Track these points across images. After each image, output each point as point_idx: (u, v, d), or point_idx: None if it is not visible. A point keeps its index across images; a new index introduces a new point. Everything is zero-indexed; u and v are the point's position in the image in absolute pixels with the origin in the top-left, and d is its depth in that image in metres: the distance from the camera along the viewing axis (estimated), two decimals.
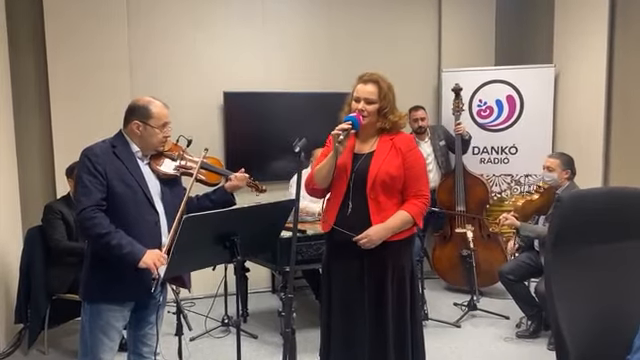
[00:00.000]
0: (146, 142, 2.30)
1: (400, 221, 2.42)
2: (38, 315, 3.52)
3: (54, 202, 3.71)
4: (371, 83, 2.45)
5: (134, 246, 2.14)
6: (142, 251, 2.15)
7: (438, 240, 4.90)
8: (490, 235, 4.66)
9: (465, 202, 4.64)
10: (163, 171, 2.35)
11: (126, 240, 2.14)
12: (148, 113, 2.28)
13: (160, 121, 2.29)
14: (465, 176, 4.68)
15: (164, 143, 2.34)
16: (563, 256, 1.61)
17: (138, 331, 2.43)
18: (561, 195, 1.65)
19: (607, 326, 1.62)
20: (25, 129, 4.24)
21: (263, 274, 4.81)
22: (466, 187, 4.66)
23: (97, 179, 2.17)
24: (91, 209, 2.14)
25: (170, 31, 4.59)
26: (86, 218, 2.15)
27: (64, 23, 4.19)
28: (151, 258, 2.14)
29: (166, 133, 2.32)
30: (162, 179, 2.35)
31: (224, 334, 3.93)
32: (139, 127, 2.27)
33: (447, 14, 5.34)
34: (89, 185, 2.16)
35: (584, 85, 4.79)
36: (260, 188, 2.64)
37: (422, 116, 4.76)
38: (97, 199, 2.16)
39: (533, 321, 3.77)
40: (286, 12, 4.93)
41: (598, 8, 4.62)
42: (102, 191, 2.18)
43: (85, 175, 2.17)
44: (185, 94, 4.54)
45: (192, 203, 2.45)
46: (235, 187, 2.49)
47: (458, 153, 4.67)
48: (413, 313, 2.52)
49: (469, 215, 4.59)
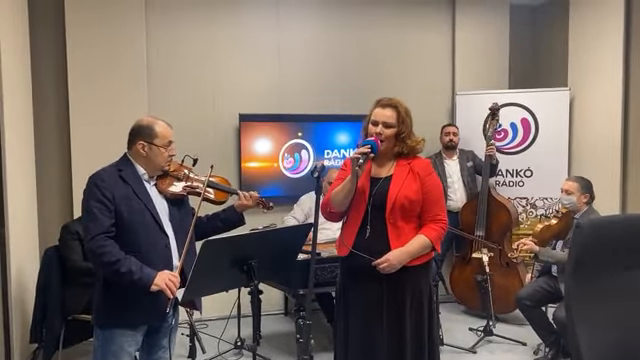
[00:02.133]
0: (152, 162, 2.29)
1: (419, 245, 2.41)
2: (53, 335, 3.51)
3: (71, 222, 3.74)
4: (389, 107, 2.46)
5: (144, 271, 2.13)
6: (152, 274, 2.14)
7: (457, 262, 4.85)
8: (509, 263, 4.55)
9: (485, 227, 4.57)
10: (170, 191, 2.34)
11: (136, 266, 2.13)
12: (153, 132, 2.27)
13: (165, 140, 2.29)
14: (490, 201, 4.60)
15: (169, 162, 2.34)
16: (583, 283, 1.59)
17: (151, 356, 2.41)
18: (580, 222, 1.64)
19: (628, 354, 1.59)
20: (44, 149, 4.31)
21: (276, 296, 4.78)
22: (489, 212, 4.58)
23: (105, 206, 2.16)
24: (100, 237, 2.13)
25: (188, 53, 4.67)
26: (95, 247, 2.13)
27: (85, 46, 4.28)
28: (163, 279, 2.13)
29: (171, 152, 2.32)
30: (169, 200, 2.34)
31: (237, 357, 3.90)
32: (144, 147, 2.27)
33: (461, 36, 5.37)
34: (97, 213, 2.15)
35: (600, 108, 4.77)
36: (267, 205, 2.61)
37: (454, 131, 4.84)
38: (106, 226, 2.15)
39: (551, 348, 3.69)
40: (301, 36, 4.99)
41: (613, 31, 4.62)
42: (110, 217, 2.17)
43: (93, 202, 2.16)
44: (201, 116, 4.61)
45: (201, 223, 2.44)
46: (245, 207, 2.49)
47: (485, 176, 4.62)
48: (431, 338, 2.50)
49: (484, 242, 4.50)
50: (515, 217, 4.70)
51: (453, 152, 4.85)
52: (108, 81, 4.35)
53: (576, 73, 4.98)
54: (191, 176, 2.43)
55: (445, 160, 4.84)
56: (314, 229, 2.09)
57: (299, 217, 4.35)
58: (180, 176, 2.40)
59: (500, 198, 4.69)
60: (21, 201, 3.80)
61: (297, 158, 4.93)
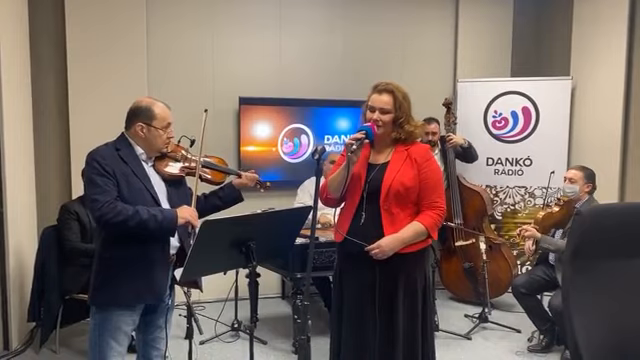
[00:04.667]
0: (150, 144, 2.29)
1: (413, 232, 2.39)
2: (51, 314, 3.54)
3: (70, 202, 3.74)
4: (386, 93, 2.42)
5: (164, 212, 2.17)
6: (173, 212, 2.18)
7: (444, 253, 4.86)
8: (492, 246, 4.60)
9: (463, 214, 4.62)
10: (168, 172, 2.34)
11: (154, 210, 2.16)
12: (151, 114, 2.26)
13: (163, 122, 2.28)
14: (461, 189, 4.66)
15: (168, 144, 2.34)
16: (581, 271, 1.59)
17: (147, 335, 2.42)
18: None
19: (625, 342, 1.60)
20: (43, 129, 4.30)
21: (273, 280, 4.81)
22: (462, 199, 4.64)
23: (108, 179, 2.15)
24: (109, 201, 2.12)
25: (188, 37, 4.64)
26: (108, 210, 2.10)
27: (84, 32, 4.25)
28: (187, 213, 2.20)
29: (169, 134, 2.32)
30: (167, 180, 2.34)
31: (233, 339, 3.93)
32: (143, 129, 2.26)
33: (464, 24, 5.33)
34: (102, 184, 2.14)
35: (602, 98, 4.75)
36: (264, 185, 2.63)
37: (434, 130, 4.67)
38: (112, 195, 2.14)
39: (546, 335, 3.72)
40: (303, 20, 4.95)
41: (616, 20, 4.58)
42: (115, 190, 2.16)
43: (96, 176, 2.15)
44: (201, 98, 4.58)
45: (200, 202, 2.44)
46: (244, 184, 2.52)
47: (452, 166, 4.61)
48: (424, 325, 2.48)
49: (465, 229, 4.55)
50: (488, 201, 4.76)
51: (434, 148, 4.73)
52: (107, 61, 4.32)
53: (578, 62, 4.95)
54: (188, 157, 2.42)
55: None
56: (313, 211, 2.08)
57: (307, 201, 4.30)
58: (178, 157, 2.39)
59: (470, 185, 4.74)
60: (19, 181, 3.80)
61: (297, 143, 4.92)
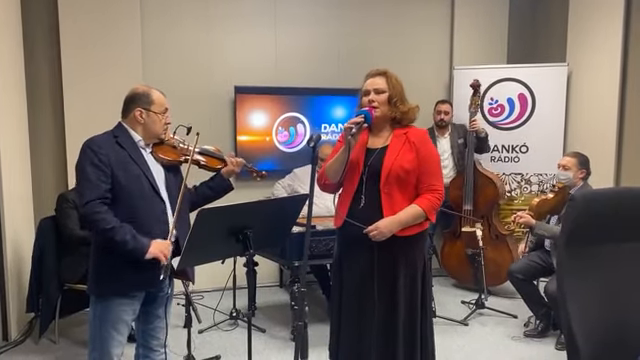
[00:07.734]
0: (149, 129, 2.30)
1: (411, 215, 2.41)
2: (49, 305, 3.55)
3: (67, 192, 3.75)
4: (379, 75, 2.49)
5: (137, 241, 2.13)
6: (147, 244, 2.14)
7: (447, 237, 4.90)
8: (498, 236, 4.63)
9: (473, 201, 4.62)
10: (167, 158, 2.36)
11: (130, 235, 2.12)
12: (149, 99, 2.29)
13: (161, 107, 2.31)
14: (476, 175, 4.64)
15: (166, 130, 2.36)
16: (575, 256, 1.60)
17: (147, 325, 2.42)
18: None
19: (619, 326, 1.62)
20: (38, 120, 4.28)
21: (271, 268, 4.83)
22: (476, 186, 4.63)
23: (101, 171, 2.14)
24: (95, 203, 2.11)
25: (183, 26, 4.61)
26: (90, 212, 2.12)
27: (78, 19, 4.22)
28: (157, 248, 2.15)
29: (167, 119, 2.34)
30: (165, 166, 2.35)
31: (232, 327, 3.95)
32: (142, 114, 2.27)
33: (460, 11, 5.31)
34: (92, 178, 2.13)
35: (597, 84, 4.75)
36: (261, 173, 2.65)
37: (446, 110, 4.78)
38: (101, 192, 2.13)
39: (541, 320, 3.76)
40: (298, 8, 4.93)
41: (613, 7, 4.57)
42: (107, 182, 2.15)
43: (88, 167, 2.14)
44: (197, 88, 4.57)
45: (190, 194, 2.46)
46: (231, 172, 2.52)
47: (470, 151, 4.63)
48: (423, 309, 2.52)
49: (470, 217, 4.55)
50: (502, 190, 4.75)
51: (445, 130, 4.83)
52: (102, 51, 4.29)
53: (575, 49, 4.95)
54: (185, 144, 2.45)
55: (437, 137, 4.82)
56: (309, 199, 2.09)
57: (286, 187, 4.37)
58: (175, 144, 2.42)
59: (486, 172, 4.72)
60: (15, 172, 3.79)
61: (292, 132, 4.91)
